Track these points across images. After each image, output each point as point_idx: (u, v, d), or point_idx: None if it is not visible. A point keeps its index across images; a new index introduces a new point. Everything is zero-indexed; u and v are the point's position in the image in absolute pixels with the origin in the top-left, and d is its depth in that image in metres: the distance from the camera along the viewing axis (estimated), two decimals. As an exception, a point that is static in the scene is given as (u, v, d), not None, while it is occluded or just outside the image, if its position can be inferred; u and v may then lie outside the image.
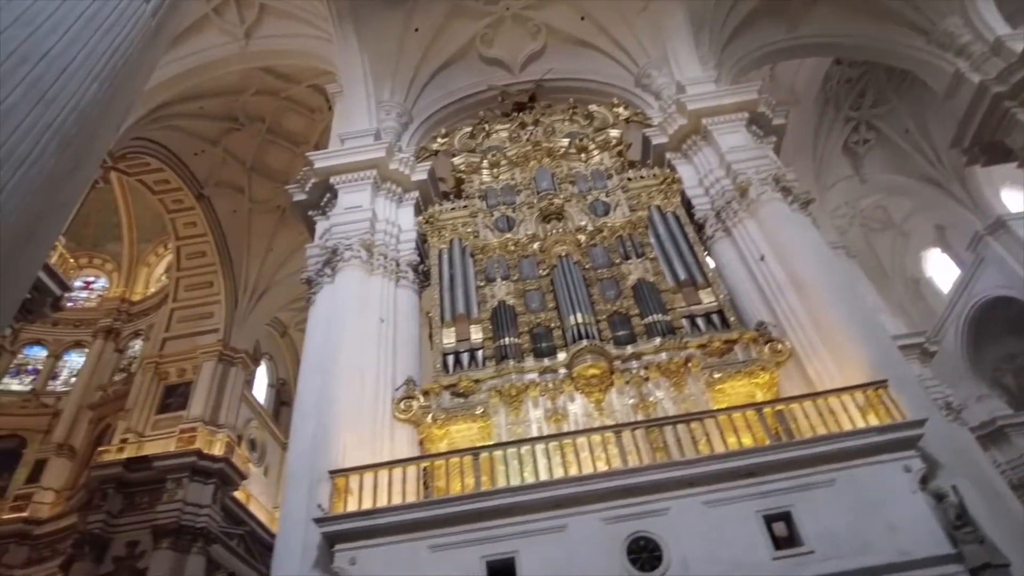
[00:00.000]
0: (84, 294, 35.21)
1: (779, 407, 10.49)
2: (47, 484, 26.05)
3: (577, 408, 11.54)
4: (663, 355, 11.99)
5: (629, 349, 12.17)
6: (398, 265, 14.68)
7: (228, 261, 29.23)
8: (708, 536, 9.08)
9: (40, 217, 5.99)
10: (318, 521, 9.53)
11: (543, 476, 9.81)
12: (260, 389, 30.87)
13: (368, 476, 10.04)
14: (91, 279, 36.03)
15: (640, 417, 11.09)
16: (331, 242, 14.52)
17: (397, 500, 9.70)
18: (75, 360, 32.59)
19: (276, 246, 30.04)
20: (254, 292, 29.57)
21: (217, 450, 24.03)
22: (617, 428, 10.34)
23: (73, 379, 31.36)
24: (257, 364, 30.34)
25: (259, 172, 28.82)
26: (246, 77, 25.00)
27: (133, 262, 35.32)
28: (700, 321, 12.65)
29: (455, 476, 10.00)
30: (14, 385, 30.89)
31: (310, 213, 16.42)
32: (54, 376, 31.99)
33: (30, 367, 32.08)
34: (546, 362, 12.18)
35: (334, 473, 10.12)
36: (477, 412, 11.51)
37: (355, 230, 14.62)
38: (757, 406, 10.56)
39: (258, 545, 26.72)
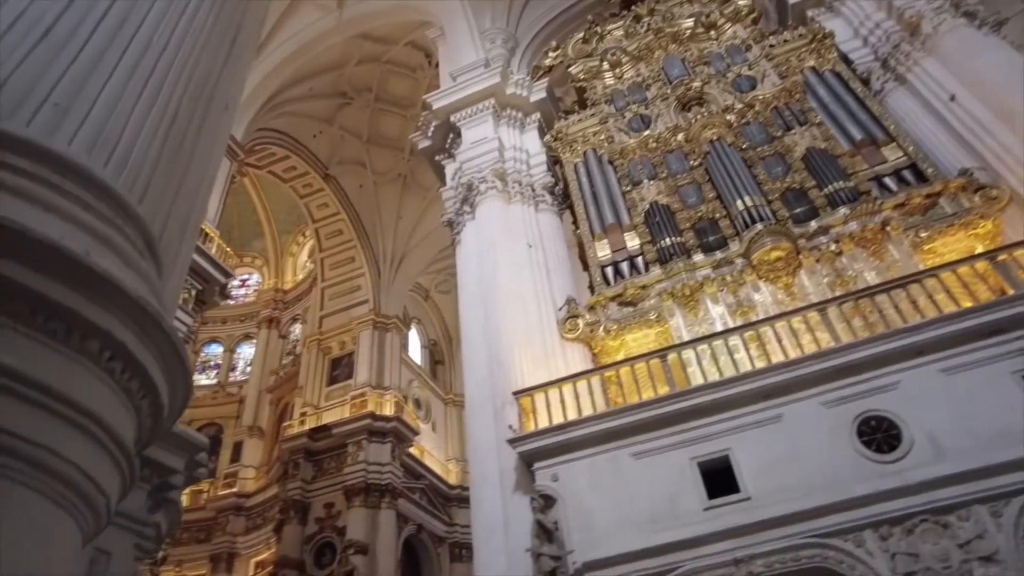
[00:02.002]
0: (243, 291, 38.02)
1: (1018, 252, 8.79)
2: (247, 462, 28.63)
3: (764, 297, 10.43)
4: (853, 224, 10.52)
5: (813, 225, 10.79)
6: (533, 190, 14.07)
7: (364, 235, 30.17)
8: (955, 407, 7.81)
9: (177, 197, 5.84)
10: (512, 442, 9.28)
11: (743, 368, 8.90)
12: (415, 351, 31.94)
13: (553, 392, 9.63)
14: (246, 276, 38.80)
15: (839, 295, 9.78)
16: (464, 179, 14.16)
17: (588, 412, 9.22)
18: (247, 351, 35.39)
19: (404, 214, 30.58)
20: (393, 260, 30.39)
21: (387, 410, 25.12)
22: (821, 305, 9.16)
23: (249, 368, 34.07)
24: (408, 328, 31.35)
25: (376, 143, 29.28)
26: (346, 49, 25.21)
27: (278, 254, 37.57)
28: (889, 181, 10.97)
29: (645, 381, 9.34)
30: (202, 380, 34.05)
31: (437, 158, 16.18)
32: (233, 368, 34.94)
33: (212, 363, 35.22)
34: (718, 255, 11.11)
35: (518, 393, 9.82)
36: (651, 317, 10.73)
37: (485, 162, 14.15)
38: (989, 254, 8.92)
39: (439, 497, 27.93)
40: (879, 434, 7.93)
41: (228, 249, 19.91)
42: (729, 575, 7.58)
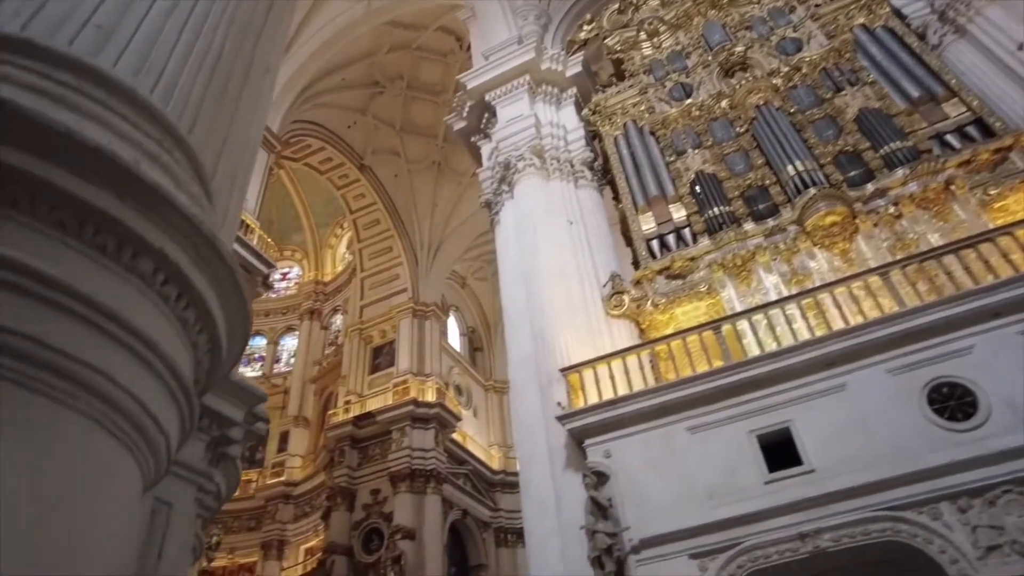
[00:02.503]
0: (284, 284, 38.57)
1: (1102, 206, 8.20)
2: (293, 451, 29.09)
3: (820, 264, 9.98)
4: (914, 185, 9.97)
5: (869, 187, 10.28)
6: (572, 166, 13.76)
7: (400, 224, 30.26)
8: (1037, 372, 7.30)
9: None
10: (561, 419, 9.08)
11: (802, 337, 8.52)
12: (454, 339, 31.98)
13: (602, 368, 9.39)
14: (286, 270, 39.34)
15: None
16: (501, 158, 13.94)
17: (639, 387, 8.96)
18: (290, 343, 35.91)
19: (439, 201, 30.56)
20: (430, 248, 30.43)
21: (430, 397, 25.20)
22: (884, 269, 8.71)
23: (292, 359, 34.57)
24: (447, 315, 31.40)
25: (409, 131, 29.26)
26: (377, 37, 25.18)
27: (317, 247, 37.98)
28: (952, 138, 10.36)
29: (698, 354, 9.03)
30: (248, 373, 34.67)
31: (473, 139, 15.98)
32: (277, 359, 35.50)
33: (256, 355, 35.83)
34: (770, 223, 10.68)
35: (566, 370, 9.61)
36: (701, 290, 10.38)
37: (522, 139, 13.90)
38: (1071, 209, 8.34)
39: (482, 482, 27.97)
40: (952, 401, 7.50)
41: (269, 240, 20.10)
42: (794, 550, 7.28)
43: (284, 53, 18.69)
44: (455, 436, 26.40)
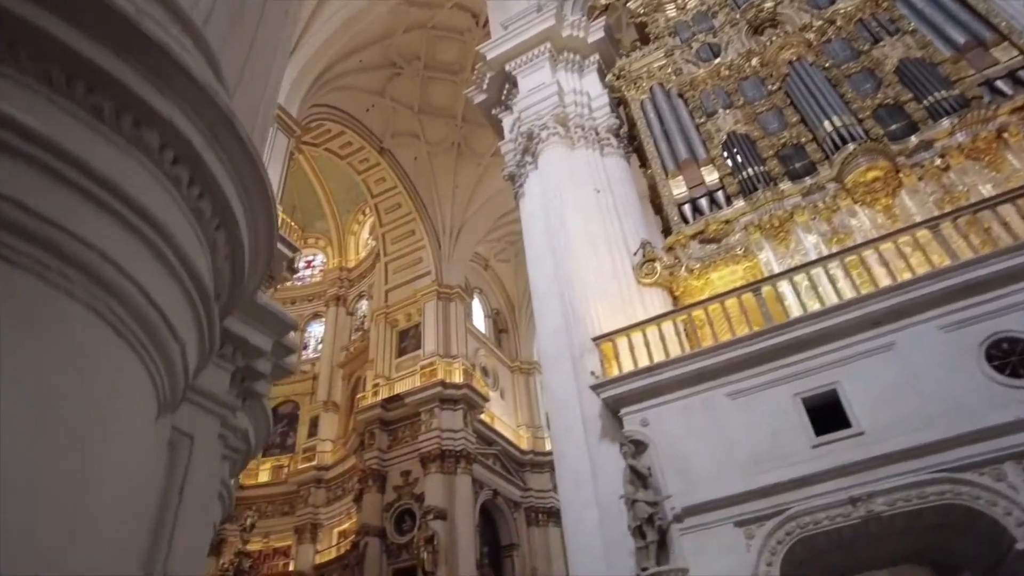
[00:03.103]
0: (308, 272, 38.73)
1: None
2: (324, 436, 29.29)
3: (861, 222, 9.54)
4: (962, 135, 9.45)
5: (913, 140, 9.77)
6: (597, 133, 13.39)
7: (422, 207, 30.10)
8: (1106, 324, 6.86)
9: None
10: (595, 388, 8.83)
11: (847, 295, 8.13)
12: (479, 321, 31.85)
13: (636, 335, 9.11)
14: (310, 257, 39.49)
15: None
16: (524, 128, 13.60)
17: (676, 353, 8.66)
18: (317, 330, 36.06)
19: (460, 183, 30.31)
20: (452, 231, 30.25)
21: (457, 378, 25.12)
22: (934, 222, 8.27)
23: (320, 346, 34.73)
24: (471, 298, 31.27)
25: (427, 113, 28.98)
26: (393, 18, 24.85)
27: (341, 234, 38.03)
28: (1003, 84, 9.77)
29: (737, 318, 8.69)
30: (277, 360, 35.02)
31: (494, 112, 15.66)
32: (305, 346, 35.66)
33: (285, 342, 36.17)
34: (807, 182, 10.24)
35: (598, 339, 9.34)
36: (737, 253, 10.01)
37: (545, 108, 13.54)
38: None
39: (512, 463, 27.92)
40: (1014, 357, 7.09)
41: (293, 224, 20.06)
42: (845, 515, 6.97)
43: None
44: (483, 417, 26.33)
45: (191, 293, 1.48)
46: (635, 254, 11.11)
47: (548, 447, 29.96)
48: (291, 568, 25.39)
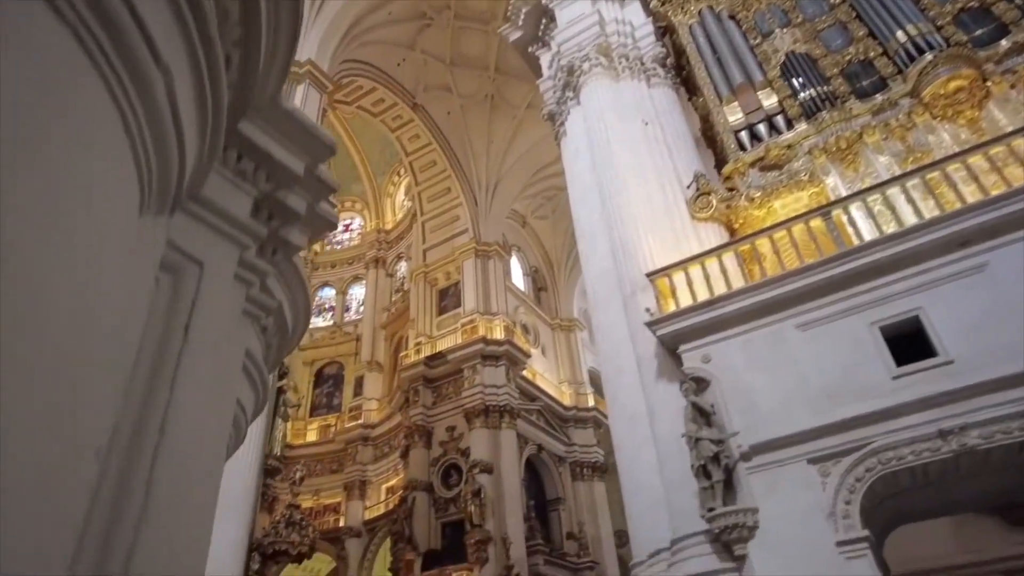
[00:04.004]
0: (347, 235, 38.78)
1: None
2: (369, 395, 29.56)
3: (941, 138, 8.69)
4: (1060, 36, 8.45)
5: (1003, 44, 8.82)
6: (643, 63, 12.59)
7: (457, 163, 29.59)
8: None
9: None
10: (651, 325, 8.32)
11: (929, 214, 7.39)
12: (518, 279, 31.47)
13: (694, 269, 8.53)
14: (348, 221, 39.50)
15: (1045, 123, 7.91)
16: (564, 62, 12.90)
17: (738, 285, 8.08)
18: (358, 292, 36.22)
19: (495, 137, 29.63)
20: (488, 187, 29.72)
21: (498, 334, 24.90)
22: (1032, 127, 7.40)
23: (361, 307, 34.91)
24: (509, 255, 30.84)
25: (459, 64, 28.21)
26: (422, -35, 24.05)
27: (377, 196, 37.86)
28: (1107, -24, 8.69)
29: (805, 245, 8.03)
30: (320, 323, 35.29)
31: (530, 49, 14.94)
32: (347, 309, 35.92)
33: (327, 305, 36.38)
34: (878, 99, 9.38)
35: (653, 275, 8.80)
36: (802, 178, 9.26)
37: (586, 39, 12.79)
38: None
39: (555, 418, 27.78)
40: None
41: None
42: (934, 449, 6.39)
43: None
44: (525, 374, 26.14)
45: (185, 15, 1.02)
46: (688, 187, 10.45)
47: (591, 403, 29.74)
48: (341, 524, 25.91)
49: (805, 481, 6.83)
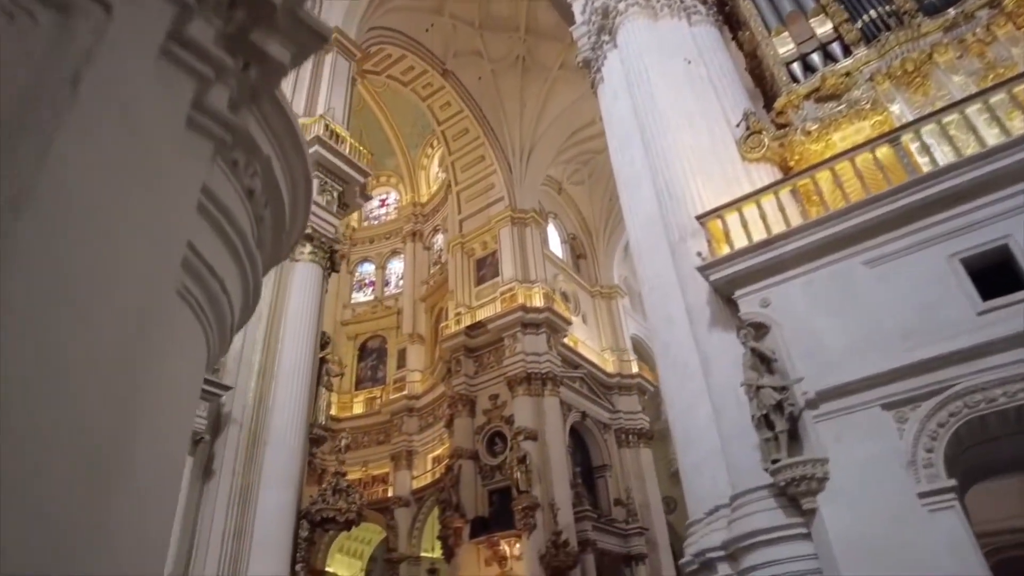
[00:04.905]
0: (383, 210, 38.75)
1: None
2: (412, 367, 29.66)
3: (1026, 50, 7.81)
4: None
5: (1097, -61, 7.82)
6: (682, 0, 11.80)
7: (490, 130, 29.03)
8: None
9: None
10: (703, 270, 7.77)
11: (1018, 131, 6.62)
12: (555, 246, 30.92)
13: (749, 208, 7.93)
14: (384, 196, 39.43)
15: None
16: (598, 3, 12.19)
17: (798, 222, 7.45)
18: (396, 266, 36.26)
19: (527, 101, 28.94)
20: (522, 152, 29.13)
21: (537, 302, 24.52)
22: None
23: (401, 281, 34.95)
24: (546, 222, 30.29)
25: (489, 27, 27.50)
26: (446, -77, 23.32)
27: (411, 169, 37.63)
28: None
29: (871, 176, 7.33)
30: (360, 298, 35.52)
31: (562, -4, 14.21)
32: (386, 283, 36.02)
33: (367, 280, 36.55)
34: (950, 13, 8.50)
35: (703, 217, 8.23)
36: (863, 107, 8.50)
37: (621, -22, 12.02)
38: None
39: (599, 385, 27.40)
40: None
41: (362, 149, 19.45)
42: (1032, 389, 5.75)
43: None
44: (567, 341, 25.76)
45: None
46: (737, 126, 9.76)
47: (635, 369, 29.22)
48: (390, 494, 26.18)
49: (880, 428, 6.26)
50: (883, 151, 7.33)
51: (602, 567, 21.96)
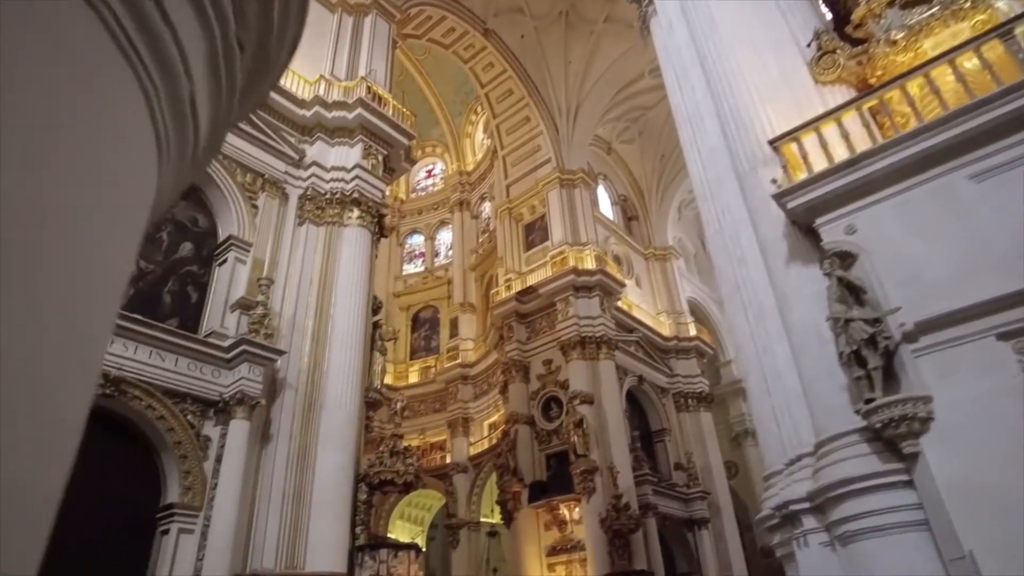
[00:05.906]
0: (430, 181, 38.52)
1: None
2: (464, 335, 29.53)
3: None
4: None
5: None
6: (742, -81, 10.79)
7: (535, 89, 28.20)
8: None
9: None
10: (780, 197, 7.05)
11: None
12: (606, 208, 30.04)
13: (828, 127, 7.12)
14: (430, 167, 39.17)
15: None
16: (648, -70, 11.30)
17: (891, 133, 6.62)
18: (445, 237, 36.09)
19: (572, 57, 27.92)
20: (568, 112, 28.22)
21: (589, 264, 23.85)
22: None
23: (450, 251, 34.78)
24: (596, 184, 29.41)
25: (530, -18, 26.53)
26: None
27: (456, 138, 37.17)
28: None
29: (976, 78, 6.42)
30: (411, 270, 35.56)
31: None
32: (436, 254, 35.93)
33: (417, 252, 36.54)
34: None
35: (777, 140, 7.45)
36: (962, 5, 7.47)
37: (673, -101, 11.08)
38: None
39: (655, 349, 26.71)
40: None
41: (405, 111, 19.05)
42: None
43: None
44: (621, 305, 25.06)
45: None
46: (808, 47, 8.85)
47: (692, 332, 28.29)
48: (448, 461, 26.29)
49: (994, 361, 5.50)
50: (991, 48, 6.39)
51: (664, 531, 21.51)
